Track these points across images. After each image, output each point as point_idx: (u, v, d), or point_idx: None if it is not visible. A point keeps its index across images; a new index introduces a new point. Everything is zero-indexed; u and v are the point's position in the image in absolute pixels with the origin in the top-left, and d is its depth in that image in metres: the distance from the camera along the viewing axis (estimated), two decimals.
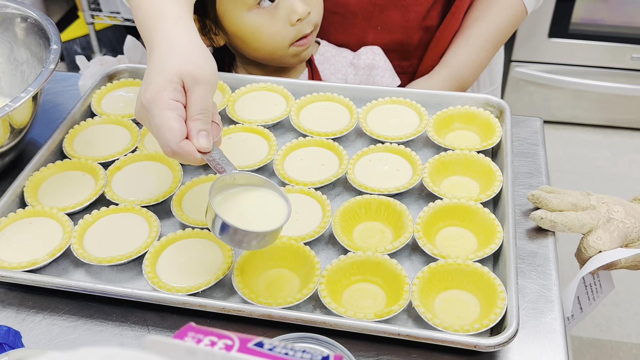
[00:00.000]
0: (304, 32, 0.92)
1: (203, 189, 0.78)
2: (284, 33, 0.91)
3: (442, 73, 1.01)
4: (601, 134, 2.30)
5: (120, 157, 0.81)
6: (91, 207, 0.76)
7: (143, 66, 0.95)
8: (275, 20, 0.90)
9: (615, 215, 0.74)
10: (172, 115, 0.62)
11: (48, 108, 0.96)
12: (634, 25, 2.10)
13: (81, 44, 2.59)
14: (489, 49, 1.02)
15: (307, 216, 0.75)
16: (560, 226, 0.74)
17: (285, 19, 0.90)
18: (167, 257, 0.70)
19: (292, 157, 0.83)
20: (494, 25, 1.01)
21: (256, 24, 0.90)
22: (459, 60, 1.01)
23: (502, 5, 1.01)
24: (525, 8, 1.01)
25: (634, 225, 0.74)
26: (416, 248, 0.73)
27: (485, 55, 1.02)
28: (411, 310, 0.66)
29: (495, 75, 1.14)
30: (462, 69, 1.01)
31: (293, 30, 0.91)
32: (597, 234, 0.73)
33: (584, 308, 0.80)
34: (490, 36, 1.01)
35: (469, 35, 1.01)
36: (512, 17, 1.01)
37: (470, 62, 1.01)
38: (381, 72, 1.00)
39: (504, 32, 1.02)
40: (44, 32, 0.85)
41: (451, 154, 0.81)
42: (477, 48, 1.01)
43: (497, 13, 1.00)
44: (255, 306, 0.64)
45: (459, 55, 1.01)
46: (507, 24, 1.01)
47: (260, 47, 0.93)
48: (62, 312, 0.69)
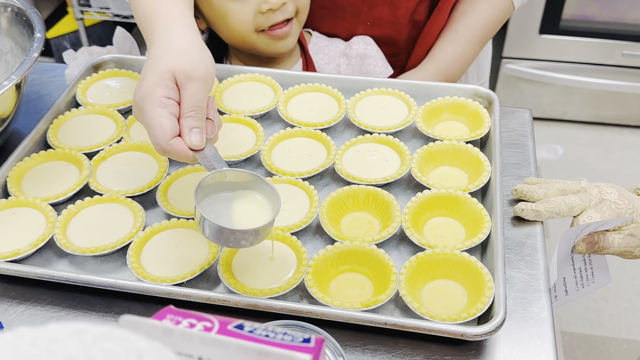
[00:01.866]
0: (274, 20, 0.91)
1: (189, 180, 0.77)
2: (251, 20, 0.90)
3: (429, 67, 1.01)
4: (592, 130, 2.31)
5: (105, 147, 0.80)
6: (75, 197, 0.75)
7: (129, 56, 0.94)
8: (245, 6, 0.89)
9: (608, 196, 0.73)
10: (162, 112, 0.61)
11: (33, 99, 0.95)
12: (624, 22, 2.10)
13: (70, 39, 2.57)
14: (476, 44, 1.02)
15: (295, 207, 0.74)
16: (545, 214, 0.72)
17: (255, 7, 0.89)
18: (152, 248, 0.69)
19: (280, 148, 0.82)
20: (480, 20, 1.00)
21: (225, 9, 0.89)
22: (446, 54, 1.01)
23: (489, 0, 1.00)
24: (512, 3, 1.01)
25: (627, 206, 0.72)
26: (404, 238, 0.72)
27: (472, 50, 1.02)
28: (398, 299, 0.65)
29: (482, 70, 1.13)
30: (449, 63, 1.01)
31: (262, 18, 0.90)
32: (588, 213, 0.72)
33: (570, 292, 0.79)
34: (478, 30, 1.01)
35: (456, 30, 1.01)
36: (499, 11, 1.01)
37: (457, 57, 1.01)
38: (374, 61, 0.99)
39: (491, 26, 1.02)
40: (27, 22, 0.84)
41: (440, 145, 0.80)
42: (464, 42, 1.00)
43: (484, 8, 1.00)
44: (240, 296, 0.64)
45: (446, 50, 1.01)
46: (494, 18, 1.01)
47: (230, 33, 0.93)
48: (45, 303, 0.68)
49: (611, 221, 0.71)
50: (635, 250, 0.73)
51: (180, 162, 0.82)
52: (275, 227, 0.66)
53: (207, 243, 0.70)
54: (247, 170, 0.65)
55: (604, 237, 0.73)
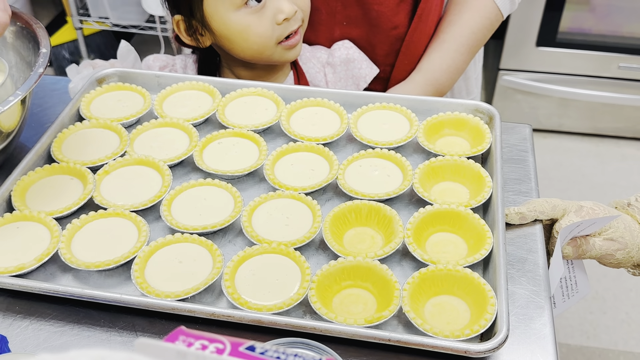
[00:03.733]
0: (290, 29, 0.92)
1: (194, 194, 0.78)
2: (271, 32, 0.91)
3: (418, 79, 1.01)
4: (588, 142, 2.32)
5: (109, 161, 0.81)
6: (79, 211, 0.76)
7: (133, 70, 0.95)
8: (262, 19, 0.90)
9: (585, 204, 0.77)
10: None
11: (37, 112, 0.95)
12: (620, 35, 2.12)
13: (69, 49, 2.58)
14: (464, 53, 1.02)
15: (298, 221, 0.75)
16: (529, 214, 0.75)
17: (272, 18, 0.90)
18: (156, 262, 0.70)
19: (283, 162, 0.83)
20: (468, 30, 1.00)
21: (243, 24, 0.90)
22: (434, 65, 1.01)
23: (476, 9, 1.00)
24: (500, 11, 1.01)
25: (604, 212, 0.76)
26: (406, 253, 0.73)
27: (461, 60, 1.02)
28: (401, 315, 0.66)
29: (471, 85, 1.13)
30: (438, 73, 1.01)
31: (279, 29, 0.91)
32: (569, 217, 0.75)
33: (558, 304, 0.80)
34: (465, 40, 1.01)
35: (443, 40, 1.01)
36: (487, 20, 1.01)
37: (445, 67, 1.01)
38: (358, 64, 1.01)
39: (479, 36, 1.02)
40: (33, 36, 0.84)
41: (441, 160, 0.81)
42: (452, 52, 1.00)
43: (471, 17, 1.00)
44: (245, 311, 0.64)
45: (433, 60, 1.01)
46: (482, 27, 1.01)
47: (248, 47, 0.93)
48: (50, 317, 0.68)
49: (599, 220, 0.73)
50: (616, 254, 0.76)
51: (183, 177, 0.82)
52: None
53: (211, 257, 0.70)
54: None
55: (585, 240, 0.76)
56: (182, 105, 0.90)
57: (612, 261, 0.77)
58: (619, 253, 0.76)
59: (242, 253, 0.70)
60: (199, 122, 0.89)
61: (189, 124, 0.86)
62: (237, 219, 0.75)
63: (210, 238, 0.74)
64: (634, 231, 0.76)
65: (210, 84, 0.92)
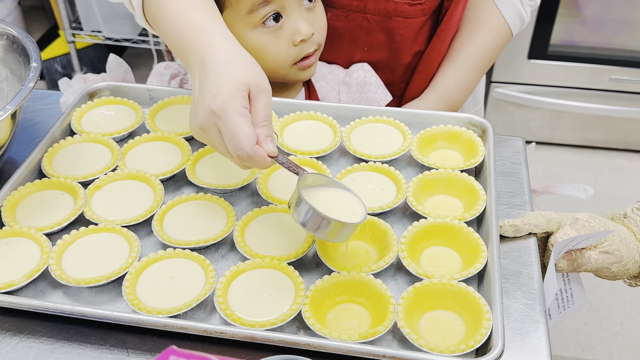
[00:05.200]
0: (306, 51, 0.92)
1: (185, 208, 0.77)
2: (287, 52, 0.91)
3: (432, 96, 1.02)
4: (580, 154, 2.33)
5: (100, 176, 0.80)
6: (70, 227, 0.75)
7: (124, 84, 0.94)
8: (279, 39, 0.90)
9: (580, 216, 0.77)
10: (244, 121, 0.65)
11: (27, 126, 0.95)
12: (612, 47, 2.13)
13: (62, 62, 2.57)
14: (477, 72, 1.03)
15: (291, 236, 0.74)
16: (524, 227, 0.75)
17: (288, 39, 0.90)
18: (148, 278, 0.69)
19: (276, 177, 0.82)
20: (480, 49, 1.02)
21: (260, 43, 0.89)
22: (447, 83, 1.02)
23: (488, 29, 1.02)
24: (511, 30, 1.03)
25: (599, 225, 0.76)
26: (401, 268, 0.72)
27: (473, 78, 1.03)
28: (396, 331, 0.65)
29: (478, 97, 1.15)
30: (452, 91, 1.02)
31: (296, 50, 0.91)
32: (565, 230, 0.75)
33: (553, 316, 0.80)
34: (478, 59, 1.02)
35: (456, 59, 1.02)
36: (498, 39, 1.03)
37: (459, 85, 1.02)
38: (373, 88, 1.00)
39: (491, 54, 1.03)
40: (23, 50, 0.84)
41: (435, 173, 0.81)
42: (465, 71, 1.02)
43: (484, 36, 1.02)
44: (237, 328, 0.63)
45: (447, 79, 1.02)
46: (494, 46, 1.03)
47: (264, 66, 0.92)
48: (40, 335, 0.67)
49: (594, 235, 0.73)
50: (612, 267, 0.76)
51: (175, 191, 0.82)
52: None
53: (203, 273, 0.70)
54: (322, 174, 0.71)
55: (581, 254, 0.75)
56: (175, 119, 0.90)
57: (608, 274, 0.77)
58: (614, 266, 0.75)
59: (235, 268, 0.69)
60: (191, 136, 0.88)
61: (181, 137, 0.86)
62: (229, 234, 0.74)
63: (203, 253, 0.73)
64: (630, 243, 0.76)
65: None
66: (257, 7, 0.86)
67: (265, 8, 0.86)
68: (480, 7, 1.02)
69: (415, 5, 0.96)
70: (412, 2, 0.95)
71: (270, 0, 0.86)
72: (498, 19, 1.01)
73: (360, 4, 0.96)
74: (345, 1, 0.96)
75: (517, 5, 1.01)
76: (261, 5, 0.86)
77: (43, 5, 2.72)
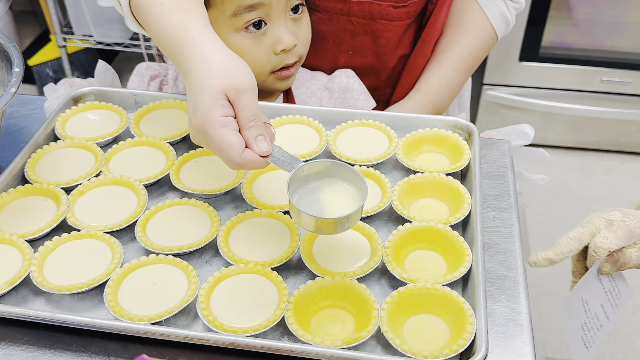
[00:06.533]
0: (286, 62, 0.91)
1: (168, 214, 0.77)
2: (267, 60, 0.90)
3: (417, 97, 1.02)
4: (572, 155, 2.33)
5: (83, 181, 0.80)
6: (52, 233, 0.74)
7: (109, 89, 0.94)
8: (259, 46, 0.89)
9: (613, 217, 0.75)
10: (227, 131, 0.64)
11: (11, 132, 0.94)
12: (603, 49, 2.14)
13: (53, 67, 2.56)
14: (462, 74, 1.03)
15: (275, 241, 0.74)
16: (559, 256, 0.74)
17: (270, 47, 0.89)
18: (130, 285, 0.68)
19: (261, 181, 0.82)
20: (465, 51, 1.02)
21: (240, 47, 0.89)
22: (433, 84, 1.01)
23: (473, 31, 1.02)
24: (496, 33, 1.03)
25: (635, 223, 0.75)
26: (385, 272, 0.72)
27: (459, 80, 1.03)
28: (380, 336, 0.65)
29: (463, 102, 1.14)
30: (437, 93, 1.02)
31: (276, 59, 0.91)
32: (602, 235, 0.74)
33: (609, 316, 0.79)
34: (463, 61, 1.02)
35: (441, 60, 1.02)
36: (483, 42, 1.03)
37: (444, 87, 1.02)
38: (355, 94, 1.00)
39: (476, 57, 1.03)
40: (6, 55, 0.83)
41: (420, 177, 0.80)
42: (450, 72, 1.01)
43: (468, 38, 1.02)
44: (220, 334, 0.63)
45: (433, 80, 1.02)
46: (479, 49, 1.03)
47: None
48: (21, 342, 0.66)
49: (635, 238, 0.73)
50: None
51: (159, 196, 0.81)
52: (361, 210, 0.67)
53: (186, 279, 0.69)
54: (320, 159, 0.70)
55: (622, 254, 0.75)
56: (159, 124, 0.89)
57: None
58: None
59: (218, 274, 0.69)
60: (176, 141, 0.88)
61: (165, 142, 0.86)
62: (213, 239, 0.74)
63: (186, 259, 0.73)
64: None
65: None
66: (242, 11, 0.86)
67: (250, 14, 0.86)
68: (465, 9, 1.01)
69: (399, 8, 0.95)
70: (396, 5, 0.95)
71: (255, 7, 0.86)
72: (483, 21, 1.01)
73: (345, 7, 0.95)
74: (329, 4, 0.96)
75: (501, 8, 1.01)
76: (246, 10, 0.86)
77: (34, 9, 2.71)
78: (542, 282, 1.86)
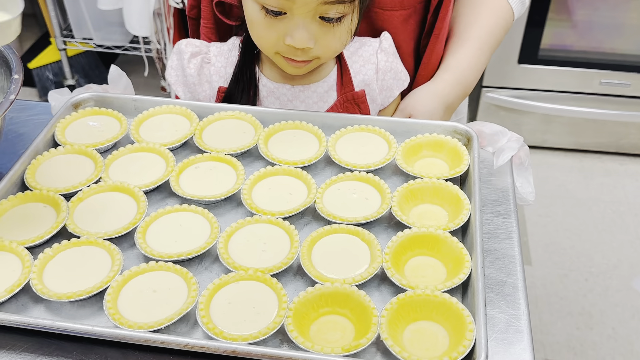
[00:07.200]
0: (293, 56, 0.87)
1: (168, 220, 0.77)
2: (274, 43, 0.86)
3: (447, 77, 0.99)
4: (572, 157, 2.33)
5: (83, 188, 0.80)
6: (52, 240, 0.74)
7: (109, 95, 0.94)
8: (270, 29, 0.84)
9: None
10: None
11: (12, 138, 0.94)
12: (602, 51, 2.14)
13: (53, 70, 2.57)
14: (486, 52, 1.01)
15: (275, 247, 0.74)
16: None
17: (281, 34, 0.84)
18: (130, 292, 0.68)
19: (260, 186, 0.82)
20: (487, 29, 1.01)
21: (253, 17, 0.84)
22: (461, 63, 0.99)
23: (492, 10, 1.01)
24: (513, 12, 1.02)
25: None
26: (385, 278, 0.72)
27: (484, 59, 1.01)
28: (380, 343, 0.65)
29: (460, 105, 1.14)
30: (467, 71, 1.00)
31: (283, 47, 0.86)
32: None
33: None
34: (486, 39, 1.01)
35: (465, 39, 1.00)
36: (503, 20, 1.02)
37: (473, 65, 1.00)
38: (400, 60, 0.98)
39: (497, 35, 1.02)
40: (5, 61, 0.83)
41: (420, 182, 0.80)
42: (476, 50, 1.00)
43: (489, 17, 1.01)
44: (219, 342, 0.63)
45: (460, 59, 1.00)
46: (500, 27, 1.02)
47: (252, 36, 0.89)
48: (21, 350, 0.66)
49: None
50: None
51: (158, 202, 0.81)
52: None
53: (186, 286, 0.69)
54: None
55: None
56: (159, 130, 0.89)
57: None
58: None
59: (218, 281, 0.69)
60: (175, 147, 0.88)
61: (165, 148, 0.86)
62: (213, 246, 0.74)
63: (186, 265, 0.73)
64: None
65: (188, 107, 0.92)
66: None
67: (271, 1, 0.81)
68: None
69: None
70: None
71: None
72: (501, 0, 1.01)
73: None
74: None
75: None
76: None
77: (34, 12, 2.71)
78: (542, 284, 1.87)
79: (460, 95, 1.01)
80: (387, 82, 0.97)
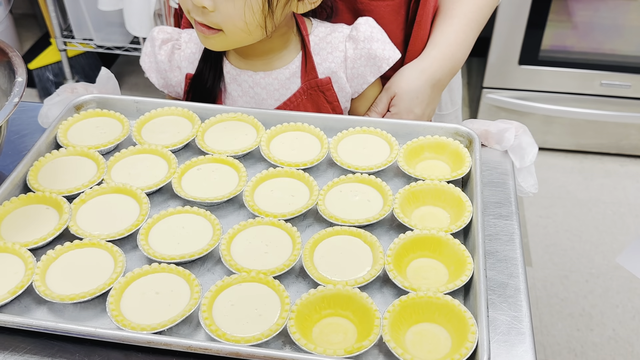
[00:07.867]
0: (195, 16, 0.84)
1: (170, 222, 0.77)
2: (185, 2, 0.84)
3: (434, 54, 0.98)
4: (572, 158, 2.34)
5: (85, 189, 0.80)
6: (55, 242, 0.75)
7: (111, 96, 0.94)
8: None
9: None
10: None
11: (14, 139, 0.94)
12: (602, 52, 2.14)
13: (53, 70, 2.57)
14: (474, 29, 1.00)
15: (277, 249, 0.74)
16: None
17: None
18: (132, 294, 0.68)
19: (262, 188, 0.82)
20: (474, 5, 0.99)
21: None
22: (448, 38, 0.98)
23: None
24: None
25: None
26: (387, 280, 0.72)
27: (472, 35, 1.00)
28: (382, 345, 0.65)
29: (455, 96, 1.13)
30: (454, 47, 0.98)
31: (190, 5, 0.83)
32: None
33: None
34: (473, 15, 0.99)
35: (453, 15, 0.99)
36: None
37: (460, 40, 0.99)
38: (381, 45, 0.94)
39: (484, 12, 1.01)
40: (9, 64, 0.83)
41: (421, 184, 0.81)
42: (463, 26, 0.99)
43: None
44: (222, 344, 0.63)
45: (448, 34, 0.98)
46: (486, 3, 1.01)
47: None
48: (24, 352, 0.66)
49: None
50: None
51: (161, 204, 0.81)
52: None
53: (188, 288, 0.69)
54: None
55: None
56: (161, 132, 0.90)
57: None
58: None
59: (220, 283, 0.69)
60: (178, 149, 0.88)
61: (167, 150, 0.86)
62: (215, 247, 0.74)
63: (189, 267, 0.73)
64: None
65: (190, 109, 0.92)
66: None
67: None
68: None
69: None
70: None
71: None
72: None
73: None
74: None
75: None
76: None
77: (35, 13, 2.71)
78: (542, 286, 1.87)
79: (448, 72, 0.99)
80: (358, 70, 0.94)
